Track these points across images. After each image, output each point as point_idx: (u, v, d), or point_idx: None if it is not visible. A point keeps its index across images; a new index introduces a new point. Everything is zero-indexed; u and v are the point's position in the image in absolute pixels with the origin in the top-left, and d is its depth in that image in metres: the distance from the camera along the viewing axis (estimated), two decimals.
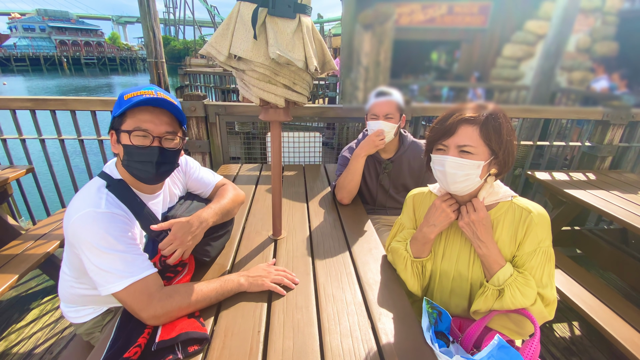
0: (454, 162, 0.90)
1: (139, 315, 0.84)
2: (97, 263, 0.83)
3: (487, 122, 0.89)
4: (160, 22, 2.85)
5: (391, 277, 1.10)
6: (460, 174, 0.91)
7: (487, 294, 0.93)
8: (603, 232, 2.41)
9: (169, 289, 0.88)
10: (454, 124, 0.91)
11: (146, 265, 0.88)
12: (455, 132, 0.91)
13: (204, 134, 2.28)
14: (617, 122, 2.48)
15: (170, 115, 0.96)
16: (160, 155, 0.94)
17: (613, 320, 1.53)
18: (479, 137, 0.89)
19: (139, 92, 0.91)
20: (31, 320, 1.88)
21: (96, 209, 0.87)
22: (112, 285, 0.83)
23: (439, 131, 0.94)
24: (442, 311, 0.94)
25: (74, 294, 1.06)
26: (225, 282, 0.95)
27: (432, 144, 0.98)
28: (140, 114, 0.91)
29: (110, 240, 0.84)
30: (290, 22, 0.92)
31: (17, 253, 1.75)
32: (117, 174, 0.99)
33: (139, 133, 0.91)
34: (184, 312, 0.87)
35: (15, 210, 2.39)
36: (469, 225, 0.95)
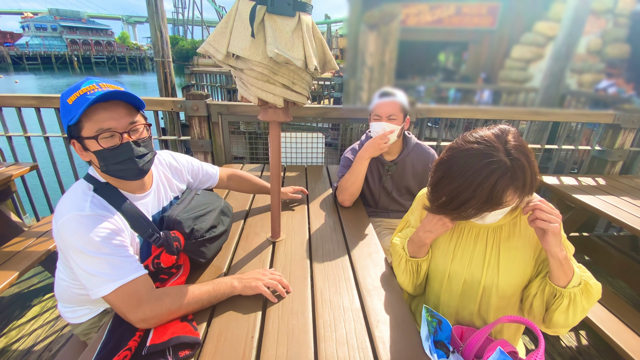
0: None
1: (127, 318, 0.82)
2: (85, 267, 0.82)
3: (515, 174, 0.77)
4: (169, 22, 2.85)
5: (390, 283, 1.07)
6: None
7: (563, 302, 0.84)
8: (612, 239, 2.35)
9: (159, 291, 0.86)
10: (498, 193, 0.77)
11: (135, 267, 0.86)
12: (499, 204, 0.80)
13: (206, 134, 2.27)
14: (628, 126, 2.41)
15: (126, 104, 0.88)
16: (135, 148, 0.88)
17: (621, 330, 1.48)
18: (514, 194, 0.79)
19: (81, 90, 0.83)
20: (32, 317, 1.89)
21: (80, 212, 0.84)
22: (100, 288, 0.81)
23: (479, 206, 0.81)
24: (442, 320, 0.91)
25: (71, 294, 1.05)
26: (218, 284, 0.93)
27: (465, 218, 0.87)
28: (95, 115, 0.83)
29: (96, 243, 0.82)
30: (289, 20, 0.90)
31: (18, 250, 1.76)
32: (102, 178, 0.95)
33: (104, 135, 0.84)
34: (175, 315, 0.85)
35: (19, 207, 2.41)
36: (551, 235, 0.82)
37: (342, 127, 2.75)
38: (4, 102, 2.15)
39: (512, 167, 0.76)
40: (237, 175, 1.48)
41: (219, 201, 1.26)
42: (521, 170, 0.76)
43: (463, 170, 0.79)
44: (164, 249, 0.96)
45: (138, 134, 0.91)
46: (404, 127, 1.60)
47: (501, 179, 0.76)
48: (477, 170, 0.77)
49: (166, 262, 0.97)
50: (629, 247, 2.32)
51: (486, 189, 0.76)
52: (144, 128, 0.93)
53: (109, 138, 0.85)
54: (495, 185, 0.76)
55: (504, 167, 0.76)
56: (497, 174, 0.76)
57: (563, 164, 3.17)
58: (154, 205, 1.07)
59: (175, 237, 0.98)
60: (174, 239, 0.97)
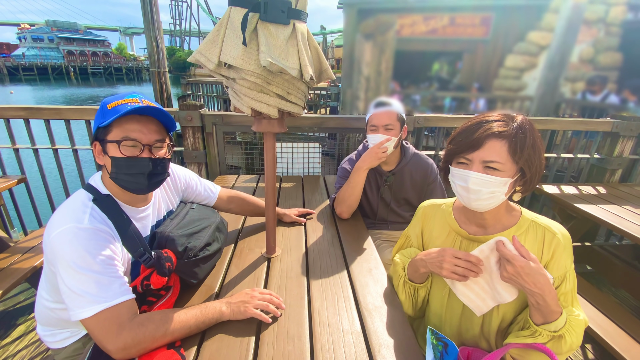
0: (478, 178, 0.82)
1: (106, 347, 0.75)
2: (70, 284, 0.77)
3: (516, 136, 0.81)
4: (166, 34, 2.84)
5: (392, 302, 1.01)
6: (485, 191, 0.83)
7: (537, 337, 0.80)
8: (615, 248, 2.31)
9: (142, 317, 0.80)
10: (481, 137, 0.82)
11: (122, 290, 0.80)
12: (481, 146, 0.82)
13: (200, 144, 2.22)
14: (626, 134, 2.40)
15: (158, 122, 0.93)
16: (152, 165, 0.90)
17: (627, 343, 1.44)
18: (507, 153, 0.81)
19: (123, 100, 0.88)
20: (17, 337, 1.80)
21: (78, 225, 0.81)
22: (82, 310, 0.75)
23: (463, 144, 0.85)
24: (448, 343, 0.85)
25: (50, 316, 0.99)
26: (206, 309, 0.87)
27: (453, 156, 0.89)
28: (127, 124, 0.87)
29: (88, 259, 0.78)
30: (283, 28, 0.86)
31: (4, 266, 1.69)
32: (104, 188, 0.93)
33: (128, 143, 0.87)
34: (159, 342, 0.78)
35: (7, 221, 2.33)
36: (511, 280, 0.81)
37: (339, 136, 2.71)
38: None
39: (514, 130, 0.82)
40: (239, 198, 1.41)
41: (214, 216, 1.21)
42: (522, 134, 0.82)
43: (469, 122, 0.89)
44: (155, 269, 0.91)
45: (160, 152, 0.93)
46: (401, 137, 1.57)
47: (497, 127, 0.83)
48: None
49: (156, 283, 0.90)
50: (631, 256, 2.28)
51: (480, 127, 0.84)
52: (167, 148, 0.95)
53: (131, 147, 0.87)
54: (491, 126, 0.83)
55: (503, 124, 0.84)
56: (495, 122, 0.84)
57: (562, 172, 3.16)
58: (152, 219, 1.04)
59: (167, 257, 0.93)
60: (166, 259, 0.92)
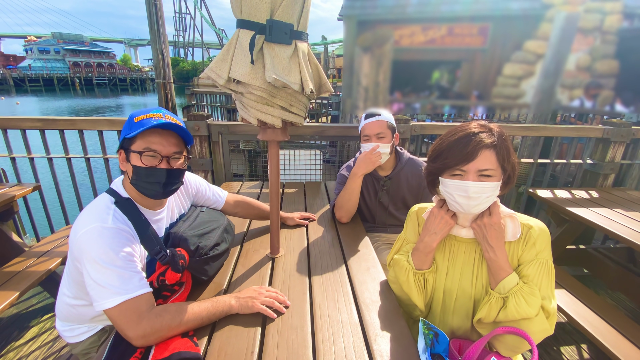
0: (477, 187, 0.91)
1: (127, 334, 0.83)
2: (95, 278, 0.85)
3: (501, 145, 0.92)
4: (170, 45, 2.95)
5: (388, 297, 1.09)
6: (484, 197, 0.93)
7: (491, 302, 0.92)
8: (609, 251, 2.36)
9: (159, 308, 0.89)
10: (475, 149, 0.91)
11: (142, 284, 0.89)
12: (476, 157, 0.91)
13: (206, 152, 2.32)
14: (617, 140, 2.48)
15: (177, 136, 1.03)
16: (167, 175, 1.00)
17: (621, 344, 1.47)
18: (496, 160, 0.92)
19: (149, 114, 0.98)
20: (30, 338, 1.87)
21: (103, 224, 0.90)
22: (105, 301, 0.84)
23: (458, 157, 0.93)
24: (439, 332, 0.93)
25: (70, 312, 1.06)
26: (216, 302, 0.95)
27: (444, 170, 0.96)
28: (150, 136, 0.97)
29: (111, 255, 0.87)
30: (286, 47, 0.96)
31: (19, 270, 1.77)
32: (125, 192, 1.03)
33: (148, 153, 0.97)
34: (175, 331, 0.87)
35: (20, 227, 2.43)
36: (480, 227, 0.97)
37: (340, 144, 2.81)
38: (10, 124, 2.21)
39: (498, 140, 0.92)
40: (245, 202, 1.51)
41: (222, 219, 1.30)
42: (505, 142, 0.93)
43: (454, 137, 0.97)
44: (170, 266, 0.99)
45: (177, 163, 1.03)
46: (394, 143, 1.65)
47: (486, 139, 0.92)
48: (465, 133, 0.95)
49: (171, 279, 0.99)
50: (626, 259, 2.33)
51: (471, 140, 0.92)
52: (184, 159, 1.06)
53: (151, 157, 0.97)
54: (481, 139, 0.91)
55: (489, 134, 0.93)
56: (483, 134, 0.92)
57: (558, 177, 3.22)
58: (167, 221, 1.13)
59: (181, 255, 1.02)
60: (179, 257, 1.01)
